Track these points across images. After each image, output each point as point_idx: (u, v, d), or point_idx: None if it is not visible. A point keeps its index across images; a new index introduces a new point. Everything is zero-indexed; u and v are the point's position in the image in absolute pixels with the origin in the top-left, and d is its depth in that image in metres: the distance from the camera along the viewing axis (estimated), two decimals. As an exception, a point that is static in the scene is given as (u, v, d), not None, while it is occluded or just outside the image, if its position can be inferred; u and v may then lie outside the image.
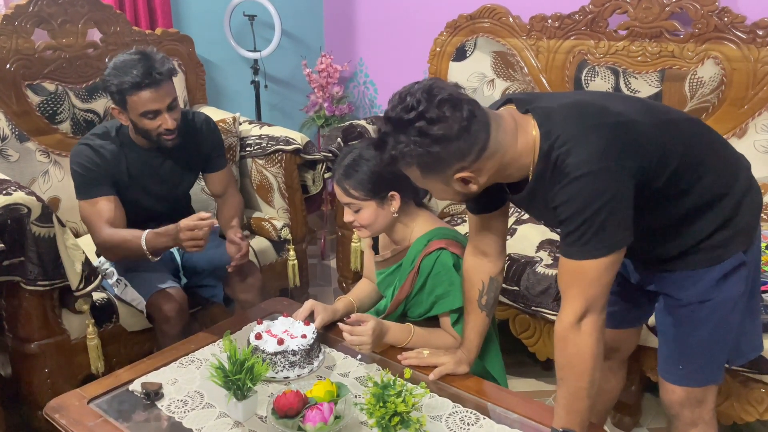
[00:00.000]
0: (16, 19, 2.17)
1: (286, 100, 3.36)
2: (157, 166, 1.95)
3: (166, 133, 1.81)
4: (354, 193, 1.52)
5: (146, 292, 1.87)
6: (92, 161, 1.84)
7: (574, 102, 1.22)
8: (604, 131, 1.13)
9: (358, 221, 1.56)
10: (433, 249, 1.55)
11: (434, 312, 1.59)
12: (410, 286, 1.58)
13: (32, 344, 1.80)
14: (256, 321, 1.59)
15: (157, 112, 1.78)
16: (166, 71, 1.77)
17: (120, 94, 1.76)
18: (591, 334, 1.17)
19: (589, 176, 1.10)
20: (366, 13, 3.29)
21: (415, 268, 1.57)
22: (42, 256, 1.70)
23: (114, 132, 1.90)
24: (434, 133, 1.09)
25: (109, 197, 1.86)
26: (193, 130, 1.99)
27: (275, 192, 2.47)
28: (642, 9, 2.29)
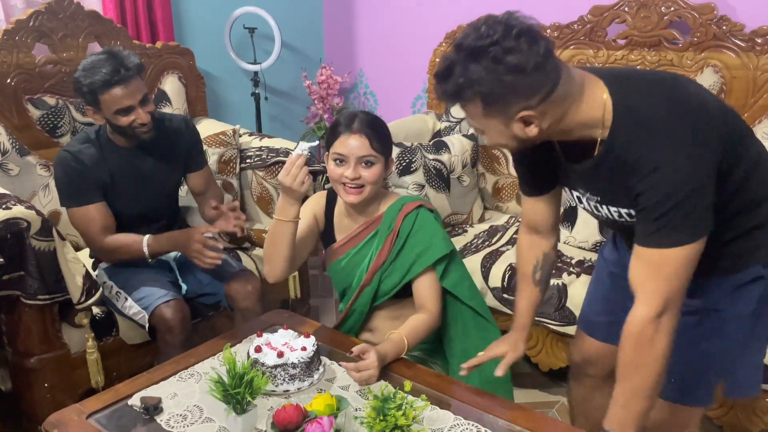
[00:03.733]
0: (17, 34, 2.19)
1: (287, 111, 3.37)
2: (139, 165, 1.95)
3: (140, 127, 1.83)
4: (376, 145, 1.53)
5: (148, 304, 1.87)
6: (74, 168, 1.85)
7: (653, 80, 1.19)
8: (690, 118, 1.10)
9: (367, 178, 1.54)
10: (411, 208, 1.60)
11: (414, 272, 1.58)
12: (389, 250, 1.59)
13: (32, 358, 1.80)
14: (256, 333, 1.59)
15: (130, 108, 1.80)
16: (134, 67, 1.79)
17: (92, 94, 1.78)
18: (668, 333, 1.14)
19: (680, 163, 1.07)
20: (366, 24, 3.31)
21: (394, 231, 1.59)
22: (42, 270, 1.70)
23: (94, 135, 1.92)
24: (509, 61, 1.03)
25: (98, 204, 1.88)
26: (171, 130, 2.01)
27: (275, 203, 2.46)
28: (640, 18, 2.29)
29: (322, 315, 2.77)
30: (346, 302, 1.72)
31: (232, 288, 1.97)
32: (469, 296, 1.64)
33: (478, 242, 2.36)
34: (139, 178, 1.96)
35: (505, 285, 2.12)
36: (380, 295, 1.65)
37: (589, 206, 1.30)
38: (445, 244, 1.59)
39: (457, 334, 1.66)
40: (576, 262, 2.14)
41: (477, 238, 2.39)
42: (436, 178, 2.45)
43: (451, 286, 1.62)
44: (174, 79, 2.64)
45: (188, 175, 2.09)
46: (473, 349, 1.61)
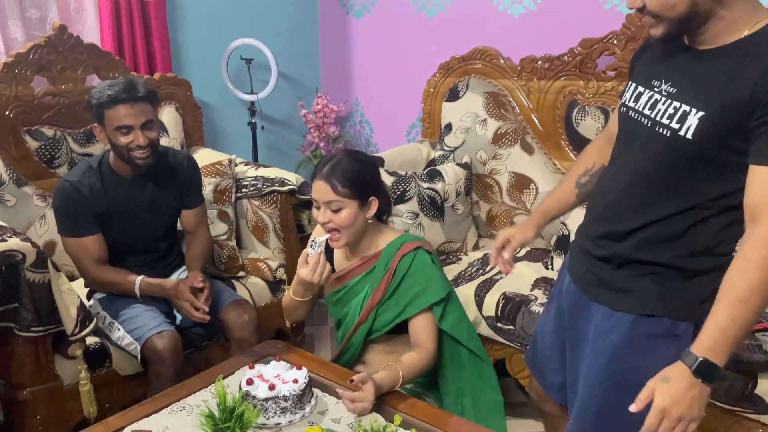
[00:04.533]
0: (17, 67, 2.22)
1: (283, 140, 3.41)
2: (137, 196, 1.98)
3: (137, 149, 1.86)
4: (341, 190, 1.54)
5: (140, 335, 1.87)
6: (72, 199, 1.88)
7: None
8: None
9: (336, 222, 1.56)
10: (410, 249, 1.60)
11: (409, 312, 1.59)
12: (384, 289, 1.59)
13: (24, 390, 1.79)
14: (248, 366, 1.59)
15: (131, 128, 1.84)
16: (145, 92, 1.85)
17: (98, 107, 1.83)
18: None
19: None
20: (362, 54, 3.36)
21: (390, 270, 1.59)
22: (36, 302, 1.71)
23: (96, 164, 1.96)
24: None
25: (93, 236, 1.91)
26: (173, 164, 2.05)
27: (270, 232, 2.48)
28: (629, 51, 2.33)
29: (317, 343, 2.76)
30: (342, 336, 1.73)
31: (228, 318, 1.97)
32: (467, 338, 1.64)
33: (471, 270, 2.37)
34: (137, 210, 1.98)
35: (498, 314, 2.13)
36: (374, 330, 1.66)
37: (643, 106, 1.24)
38: (442, 287, 1.59)
39: (453, 374, 1.66)
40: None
41: (471, 267, 2.40)
42: (431, 206, 2.47)
43: (450, 328, 1.61)
44: (171, 109, 2.67)
45: (182, 212, 2.11)
46: (468, 388, 1.62)
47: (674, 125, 1.17)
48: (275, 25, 3.21)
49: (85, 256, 1.92)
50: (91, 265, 1.93)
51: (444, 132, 2.76)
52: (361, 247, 1.66)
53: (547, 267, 2.34)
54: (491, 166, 2.61)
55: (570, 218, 2.30)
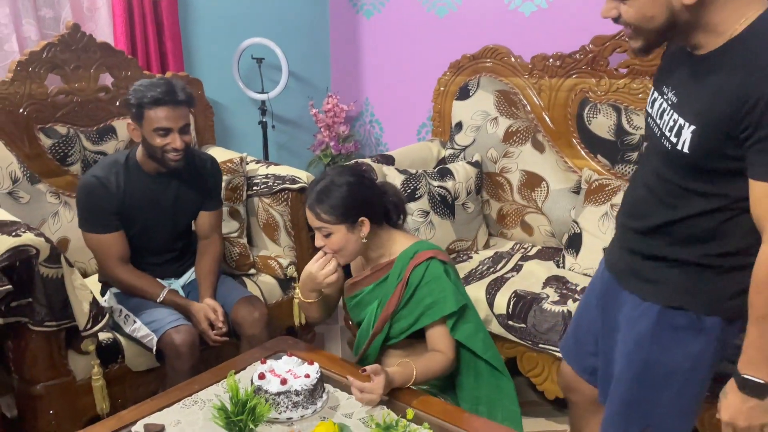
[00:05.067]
0: (30, 65, 2.24)
1: (294, 139, 3.42)
2: (161, 193, 1.99)
3: (172, 152, 1.88)
4: (325, 217, 1.55)
5: (157, 328, 1.88)
6: (97, 195, 1.90)
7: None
8: None
9: (329, 246, 1.58)
10: (423, 259, 1.58)
11: (420, 324, 1.58)
12: (398, 299, 1.58)
13: (38, 386, 1.80)
14: (260, 360, 1.59)
15: (169, 131, 1.85)
16: (185, 96, 1.87)
17: (139, 107, 1.84)
18: None
19: None
20: (372, 54, 3.36)
21: (403, 280, 1.58)
22: (50, 297, 1.72)
23: (123, 159, 1.97)
24: None
25: (114, 234, 1.93)
26: (197, 165, 2.05)
27: (281, 230, 2.48)
28: (641, 47, 2.32)
29: (327, 342, 2.76)
30: (359, 345, 1.72)
31: (239, 315, 1.98)
32: (482, 349, 1.61)
33: (482, 269, 2.36)
34: (159, 207, 2.00)
35: (509, 312, 2.12)
36: (391, 337, 1.65)
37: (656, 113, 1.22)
38: (454, 300, 1.56)
39: (468, 382, 1.64)
40: (581, 289, 2.14)
41: (482, 265, 2.39)
42: (441, 204, 2.47)
43: (464, 339, 1.60)
44: (183, 108, 2.68)
45: (200, 213, 2.12)
46: (485, 397, 1.61)
47: (673, 139, 1.17)
48: (286, 25, 3.22)
49: (107, 254, 1.94)
50: (115, 264, 1.95)
51: (454, 131, 2.75)
52: (375, 256, 1.66)
53: (558, 265, 2.33)
54: (502, 164, 2.60)
55: (582, 216, 2.29)
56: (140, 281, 1.97)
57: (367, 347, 1.67)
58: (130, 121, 1.90)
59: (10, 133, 2.19)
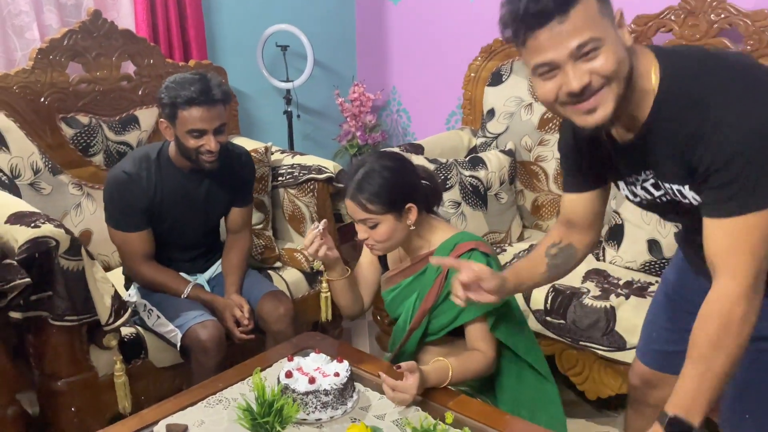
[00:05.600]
0: (51, 53, 2.18)
1: (319, 129, 3.34)
2: (192, 190, 1.92)
3: (206, 154, 1.79)
4: (371, 207, 1.44)
5: (182, 323, 1.82)
6: (127, 191, 1.83)
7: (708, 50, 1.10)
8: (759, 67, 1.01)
9: (375, 238, 1.47)
10: (464, 251, 1.47)
11: (460, 321, 1.48)
12: (437, 293, 1.48)
13: (59, 381, 1.75)
14: (287, 358, 1.51)
15: (203, 132, 1.76)
16: (221, 94, 1.77)
17: (172, 107, 1.75)
18: (757, 312, 1.02)
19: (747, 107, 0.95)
20: (399, 41, 3.26)
21: (443, 273, 1.48)
22: (70, 290, 1.66)
23: (155, 154, 1.89)
24: None
25: (141, 232, 1.86)
26: (231, 160, 1.96)
27: (307, 222, 2.41)
28: (688, 27, 2.19)
29: (354, 337, 2.68)
30: (395, 340, 1.63)
31: (264, 310, 1.91)
32: (525, 350, 1.51)
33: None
34: (190, 204, 1.93)
35: (548, 307, 2.01)
36: (430, 334, 1.55)
37: (646, 194, 1.17)
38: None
39: (509, 383, 1.53)
40: (624, 283, 2.02)
41: (516, 258, 2.29)
42: (473, 195, 2.36)
43: (504, 338, 1.49)
44: (206, 97, 2.61)
45: (231, 209, 2.04)
46: (527, 401, 1.50)
47: (685, 201, 1.10)
48: (311, 12, 3.13)
49: (132, 252, 1.88)
50: (138, 261, 1.89)
51: (486, 118, 2.64)
52: (414, 247, 1.56)
53: (598, 258, 2.21)
54: (537, 152, 2.48)
55: (623, 206, 2.17)
56: (164, 278, 1.90)
57: (403, 343, 1.57)
58: (162, 120, 1.81)
59: (32, 122, 2.15)
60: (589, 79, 0.98)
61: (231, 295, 1.91)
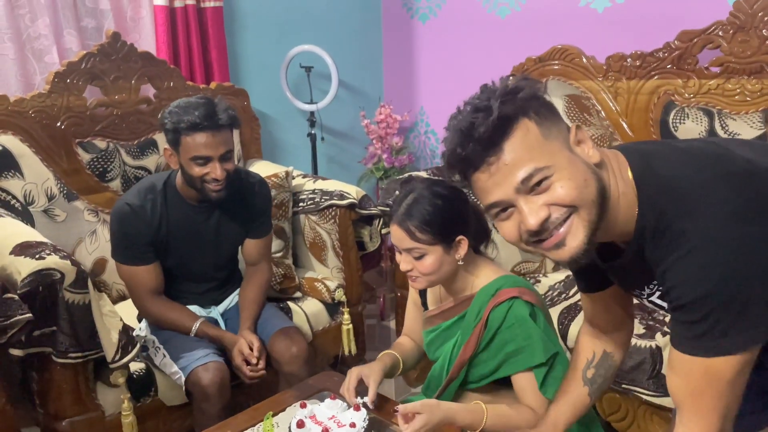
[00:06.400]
0: (68, 77, 2.13)
1: (344, 152, 3.24)
2: (201, 223, 1.82)
3: (212, 182, 1.69)
4: (420, 236, 1.31)
5: (186, 365, 1.71)
6: (131, 224, 1.74)
7: (684, 147, 0.96)
8: (734, 181, 0.85)
9: (419, 270, 1.34)
10: (504, 298, 1.33)
11: (503, 373, 1.34)
12: (476, 343, 1.34)
13: (64, 421, 1.66)
14: (300, 404, 1.39)
15: (208, 159, 1.67)
16: (227, 119, 1.67)
17: (175, 132, 1.66)
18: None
19: (723, 245, 0.82)
20: (427, 60, 3.16)
21: (482, 321, 1.34)
22: (75, 325, 1.58)
23: (161, 185, 1.80)
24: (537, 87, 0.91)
25: (148, 266, 1.77)
26: (244, 189, 1.86)
27: (329, 250, 2.29)
28: (737, 43, 2.03)
29: (379, 371, 2.55)
30: (431, 386, 1.50)
31: (275, 349, 1.79)
32: (584, 418, 1.34)
33: (553, 294, 2.10)
34: (199, 238, 1.83)
35: (586, 346, 1.85)
36: (470, 382, 1.41)
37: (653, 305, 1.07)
38: (542, 349, 1.31)
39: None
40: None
41: (552, 290, 2.13)
42: (505, 222, 2.22)
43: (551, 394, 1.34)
44: (228, 120, 2.54)
45: (246, 240, 1.94)
46: None
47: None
48: (336, 32, 3.06)
49: (139, 286, 1.79)
50: (145, 297, 1.79)
51: (518, 140, 2.51)
52: (455, 288, 1.42)
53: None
54: (573, 177, 2.33)
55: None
56: (173, 315, 1.80)
57: (441, 393, 1.43)
58: (167, 147, 1.72)
59: (47, 147, 2.09)
60: (548, 213, 0.88)
61: (243, 331, 1.79)
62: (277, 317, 1.94)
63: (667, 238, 0.87)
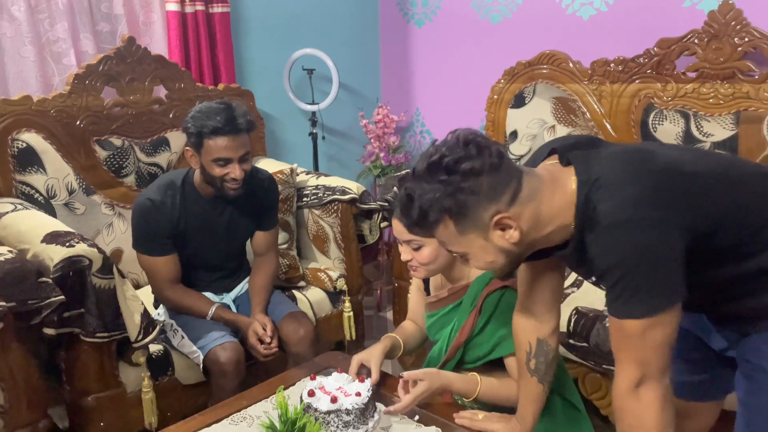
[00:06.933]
0: (87, 78, 2.27)
1: (343, 150, 3.39)
2: (216, 217, 1.96)
3: (231, 181, 1.84)
4: (418, 230, 1.45)
5: (204, 345, 1.86)
6: (153, 218, 1.88)
7: (623, 148, 1.12)
8: (645, 176, 1.02)
9: (418, 260, 1.48)
10: (497, 287, 1.48)
11: (496, 354, 1.49)
12: (471, 327, 1.49)
13: (89, 397, 1.80)
14: (310, 377, 1.53)
15: (229, 161, 1.81)
16: (245, 124, 1.81)
17: (198, 136, 1.80)
18: (652, 404, 1.04)
19: (624, 225, 0.99)
20: (422, 64, 3.31)
21: (477, 307, 1.48)
22: (101, 307, 1.72)
23: (180, 182, 1.94)
24: (463, 168, 1.01)
25: (168, 256, 1.91)
26: (255, 185, 2.00)
27: (331, 242, 2.44)
28: (712, 50, 2.18)
29: (377, 357, 2.69)
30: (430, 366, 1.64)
31: (284, 332, 1.94)
32: (558, 386, 1.49)
33: (540, 284, 2.25)
34: (214, 231, 1.98)
35: (570, 330, 2.00)
36: (466, 363, 1.56)
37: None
38: None
39: (542, 421, 1.50)
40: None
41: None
42: (496, 216, 2.37)
43: None
44: (234, 119, 2.68)
45: (255, 232, 2.08)
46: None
47: None
48: (336, 36, 3.20)
49: (159, 275, 1.93)
50: (165, 285, 1.94)
51: (509, 140, 2.66)
52: (453, 276, 1.57)
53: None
54: (560, 174, 2.48)
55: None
56: (189, 301, 1.94)
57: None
58: (188, 148, 1.86)
59: (67, 145, 2.23)
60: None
61: (256, 314, 1.94)
62: (285, 303, 2.09)
63: (590, 222, 1.03)
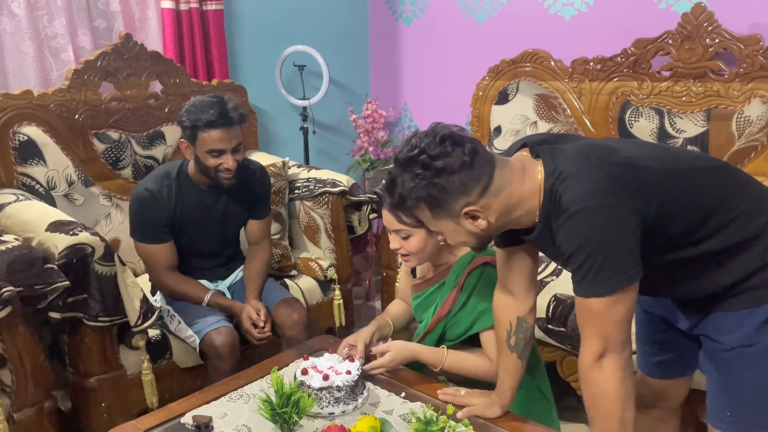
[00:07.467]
0: (86, 74, 2.34)
1: (333, 144, 3.47)
2: (210, 206, 2.05)
3: (225, 171, 1.92)
4: (405, 219, 1.54)
5: (200, 329, 1.95)
6: (149, 208, 1.96)
7: (586, 144, 1.23)
8: (603, 169, 1.13)
9: (406, 249, 1.57)
10: (478, 264, 1.58)
11: (476, 328, 1.59)
12: (452, 303, 1.59)
13: (91, 379, 1.88)
14: (303, 357, 1.63)
15: (222, 152, 1.89)
16: (238, 116, 1.91)
17: (193, 129, 1.88)
18: (614, 374, 1.15)
19: (585, 212, 1.10)
20: (410, 61, 3.40)
21: (458, 284, 1.58)
22: (104, 293, 1.80)
23: (175, 172, 2.02)
24: (436, 165, 1.13)
25: (164, 244, 1.99)
26: (247, 175, 2.09)
27: (322, 233, 2.53)
28: (685, 50, 2.30)
29: (366, 344, 2.79)
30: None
31: (279, 317, 2.03)
32: (531, 366, 1.56)
33: (522, 272, 2.35)
34: (209, 219, 2.06)
35: (549, 315, 2.11)
36: (447, 340, 1.65)
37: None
38: None
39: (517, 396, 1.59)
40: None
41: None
42: (480, 208, 2.47)
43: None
44: (227, 114, 2.76)
45: (249, 221, 2.17)
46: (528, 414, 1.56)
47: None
48: (327, 33, 3.28)
49: (156, 263, 2.01)
50: (162, 272, 2.02)
51: (493, 135, 2.76)
52: (441, 261, 1.66)
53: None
54: (541, 168, 2.59)
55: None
56: (186, 287, 2.02)
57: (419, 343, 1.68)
58: (183, 140, 1.94)
59: (66, 138, 2.30)
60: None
61: (250, 300, 2.03)
62: (279, 290, 2.18)
63: (556, 211, 1.15)
